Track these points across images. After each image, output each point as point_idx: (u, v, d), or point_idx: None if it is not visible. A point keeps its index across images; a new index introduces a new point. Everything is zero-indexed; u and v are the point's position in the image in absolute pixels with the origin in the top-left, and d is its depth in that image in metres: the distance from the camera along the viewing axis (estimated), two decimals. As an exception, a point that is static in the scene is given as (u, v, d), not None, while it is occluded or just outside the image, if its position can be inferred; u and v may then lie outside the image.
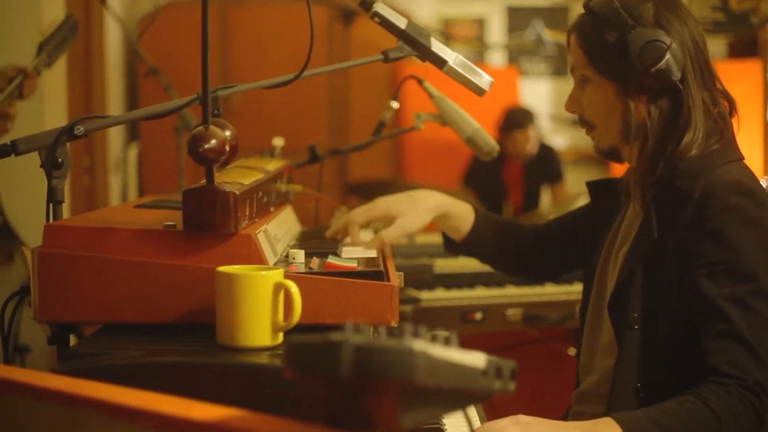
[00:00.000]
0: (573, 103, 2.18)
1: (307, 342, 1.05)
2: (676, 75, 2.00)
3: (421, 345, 1.03)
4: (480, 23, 8.10)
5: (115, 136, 6.59)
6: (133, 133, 7.09)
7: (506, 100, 6.90)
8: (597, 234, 2.26)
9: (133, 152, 6.88)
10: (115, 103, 6.60)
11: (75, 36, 3.35)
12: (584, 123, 2.18)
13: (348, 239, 2.28)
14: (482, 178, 6.42)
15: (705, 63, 2.04)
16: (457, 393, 1.13)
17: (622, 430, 1.83)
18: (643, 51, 2.00)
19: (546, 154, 6.81)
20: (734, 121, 2.10)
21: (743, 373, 1.86)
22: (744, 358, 1.87)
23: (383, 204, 2.33)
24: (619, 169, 2.28)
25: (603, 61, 2.08)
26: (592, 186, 2.31)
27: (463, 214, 2.41)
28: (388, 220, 2.32)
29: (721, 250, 1.92)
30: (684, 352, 1.97)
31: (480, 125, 2.49)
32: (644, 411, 1.88)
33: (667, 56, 1.98)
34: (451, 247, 2.49)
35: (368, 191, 5.77)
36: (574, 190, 6.65)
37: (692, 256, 1.95)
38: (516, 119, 6.54)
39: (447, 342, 1.11)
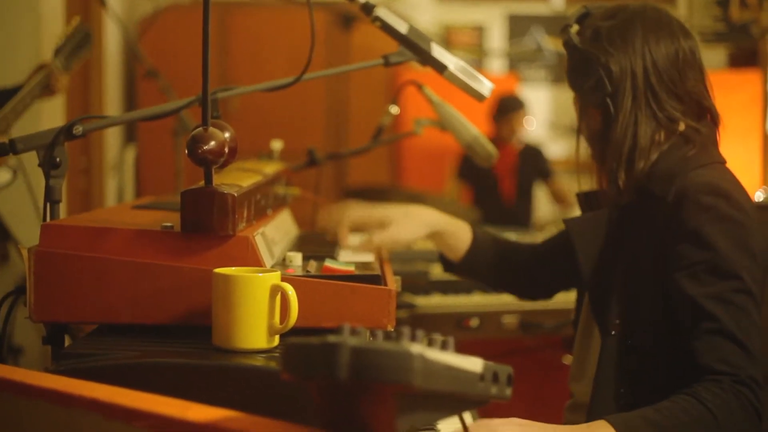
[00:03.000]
0: None
1: (305, 344, 1.04)
2: (606, 92, 2.06)
3: (418, 348, 1.03)
4: (480, 30, 8.11)
5: (113, 137, 6.59)
6: (130, 134, 7.09)
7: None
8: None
9: (130, 154, 6.88)
10: (112, 104, 6.60)
11: (90, 46, 3.37)
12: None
13: (337, 236, 2.29)
14: (475, 170, 6.44)
15: (665, 82, 2.06)
16: (454, 397, 1.12)
17: (614, 429, 1.82)
18: (581, 68, 2.10)
19: (533, 151, 6.87)
20: (718, 132, 2.14)
21: (735, 368, 1.86)
22: (735, 354, 1.87)
23: (380, 211, 2.34)
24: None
25: (567, 74, 2.18)
26: (581, 197, 2.32)
27: (459, 232, 2.42)
28: (381, 228, 2.31)
29: (700, 251, 1.93)
30: (666, 356, 1.98)
31: (479, 131, 2.49)
32: (638, 411, 1.87)
33: (597, 74, 2.06)
34: (449, 267, 2.49)
35: (366, 196, 5.76)
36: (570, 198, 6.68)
37: (671, 259, 1.96)
38: (511, 103, 6.65)
39: (444, 346, 1.10)
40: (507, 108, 6.61)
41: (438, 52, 2.14)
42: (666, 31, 2.08)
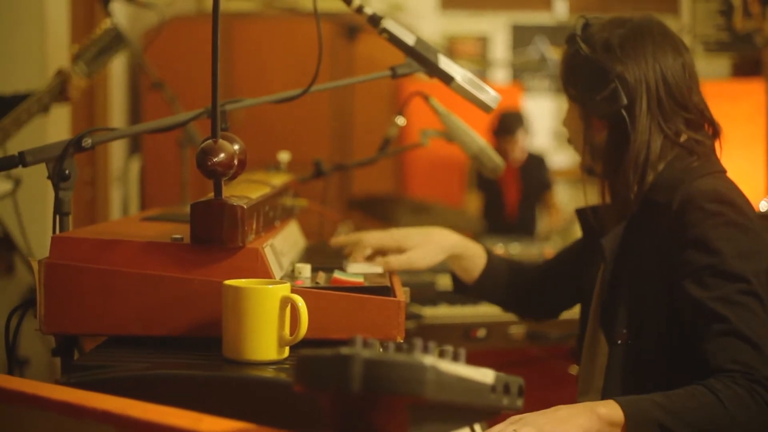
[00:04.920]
0: (563, 120, 2.25)
1: (318, 355, 1.05)
2: (622, 103, 2.05)
3: (431, 360, 1.03)
4: (483, 41, 8.12)
5: (117, 148, 6.59)
6: (135, 145, 7.10)
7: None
8: (592, 258, 2.27)
9: (134, 165, 6.88)
10: (117, 115, 6.61)
11: (123, 45, 3.34)
12: (568, 140, 2.26)
13: (352, 257, 2.29)
14: (485, 180, 6.48)
15: (674, 95, 2.07)
16: (466, 408, 1.13)
17: (621, 409, 1.82)
18: (591, 78, 2.08)
19: (537, 161, 6.87)
20: (718, 143, 2.14)
21: (749, 368, 1.86)
22: (748, 354, 1.87)
23: (398, 234, 2.34)
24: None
25: (569, 84, 2.18)
26: (581, 213, 2.32)
27: (474, 255, 2.42)
28: (399, 252, 2.31)
29: (705, 256, 1.94)
30: (674, 364, 1.99)
31: (486, 142, 2.49)
32: (646, 395, 1.88)
33: (613, 85, 2.05)
34: (461, 289, 2.50)
35: (371, 206, 5.79)
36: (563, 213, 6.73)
37: (677, 266, 1.97)
38: (512, 122, 6.62)
39: (455, 357, 1.11)
40: (509, 127, 6.58)
41: (445, 63, 2.15)
42: (671, 45, 2.09)
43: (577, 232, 2.42)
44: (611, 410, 1.82)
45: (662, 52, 2.07)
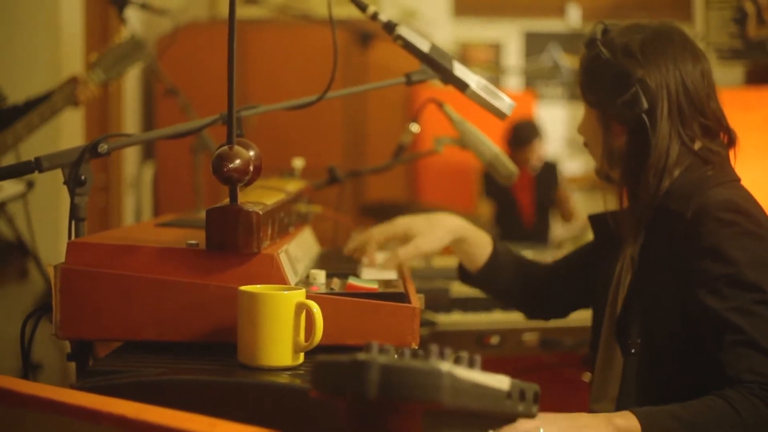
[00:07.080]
0: (579, 126, 2.25)
1: (334, 361, 1.05)
2: (643, 108, 2.04)
3: (447, 366, 1.03)
4: (496, 48, 8.13)
5: (131, 155, 6.61)
6: (148, 151, 7.11)
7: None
8: (605, 266, 2.26)
9: (148, 171, 6.90)
10: (131, 122, 6.63)
11: (142, 53, 3.36)
12: (584, 144, 2.25)
13: (365, 258, 2.30)
14: (495, 189, 6.46)
15: (693, 101, 2.07)
16: (481, 415, 1.13)
17: (637, 420, 1.82)
18: (612, 82, 2.07)
19: (550, 168, 6.88)
20: (733, 152, 2.14)
21: (764, 377, 1.86)
22: (762, 364, 1.87)
23: (402, 223, 2.36)
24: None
25: (587, 89, 2.16)
26: (594, 219, 2.32)
27: (480, 241, 2.42)
28: (406, 240, 2.33)
29: (720, 266, 1.93)
30: (688, 373, 1.99)
31: (500, 149, 2.49)
32: (663, 406, 1.88)
33: (634, 89, 2.04)
34: (466, 277, 2.50)
35: (383, 213, 5.77)
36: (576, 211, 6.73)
37: (692, 275, 1.96)
38: (527, 133, 6.61)
39: (471, 363, 1.11)
40: (524, 138, 6.58)
41: (460, 70, 2.15)
42: (691, 52, 2.08)
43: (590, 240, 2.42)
44: (628, 422, 1.83)
45: (682, 58, 2.06)
